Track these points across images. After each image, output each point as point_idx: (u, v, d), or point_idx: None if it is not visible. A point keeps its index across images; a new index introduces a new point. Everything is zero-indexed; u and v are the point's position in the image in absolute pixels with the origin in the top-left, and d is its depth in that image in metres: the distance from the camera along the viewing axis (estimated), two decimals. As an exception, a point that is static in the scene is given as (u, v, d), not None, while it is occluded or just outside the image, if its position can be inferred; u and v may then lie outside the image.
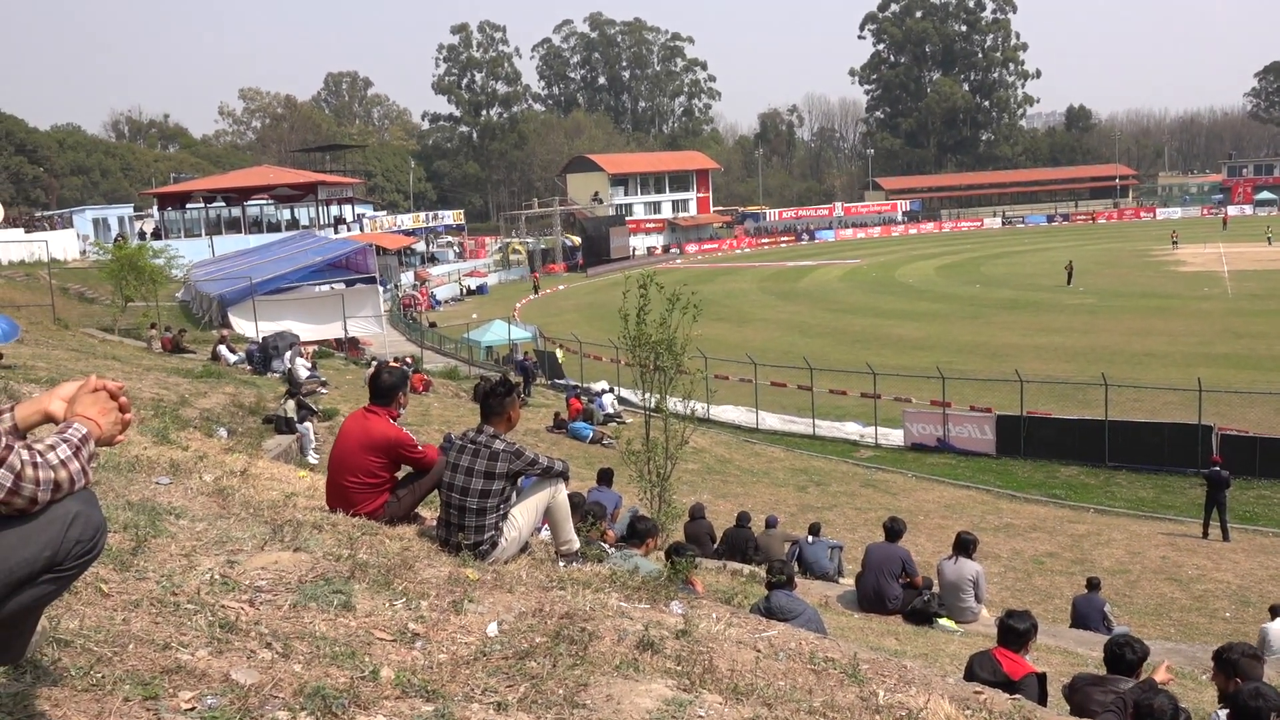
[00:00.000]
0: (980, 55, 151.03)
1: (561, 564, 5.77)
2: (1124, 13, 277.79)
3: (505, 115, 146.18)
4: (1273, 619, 12.04)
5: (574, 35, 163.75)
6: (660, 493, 13.28)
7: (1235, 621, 14.74)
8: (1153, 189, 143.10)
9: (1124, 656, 5.60)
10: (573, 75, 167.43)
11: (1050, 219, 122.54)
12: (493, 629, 4.18)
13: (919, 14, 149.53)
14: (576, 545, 6.03)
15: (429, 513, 6.56)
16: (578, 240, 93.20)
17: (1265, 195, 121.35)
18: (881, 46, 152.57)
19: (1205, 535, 20.10)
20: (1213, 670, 6.06)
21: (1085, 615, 12.48)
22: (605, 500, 11.27)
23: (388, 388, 6.23)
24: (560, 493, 5.89)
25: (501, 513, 5.63)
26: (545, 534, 6.50)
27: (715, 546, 14.37)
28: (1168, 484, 23.97)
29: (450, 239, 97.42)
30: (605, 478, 13.07)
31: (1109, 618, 12.55)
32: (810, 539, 14.10)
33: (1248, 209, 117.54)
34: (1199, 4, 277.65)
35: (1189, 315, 46.09)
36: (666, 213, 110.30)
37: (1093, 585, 13.10)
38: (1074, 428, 26.89)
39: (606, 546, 8.01)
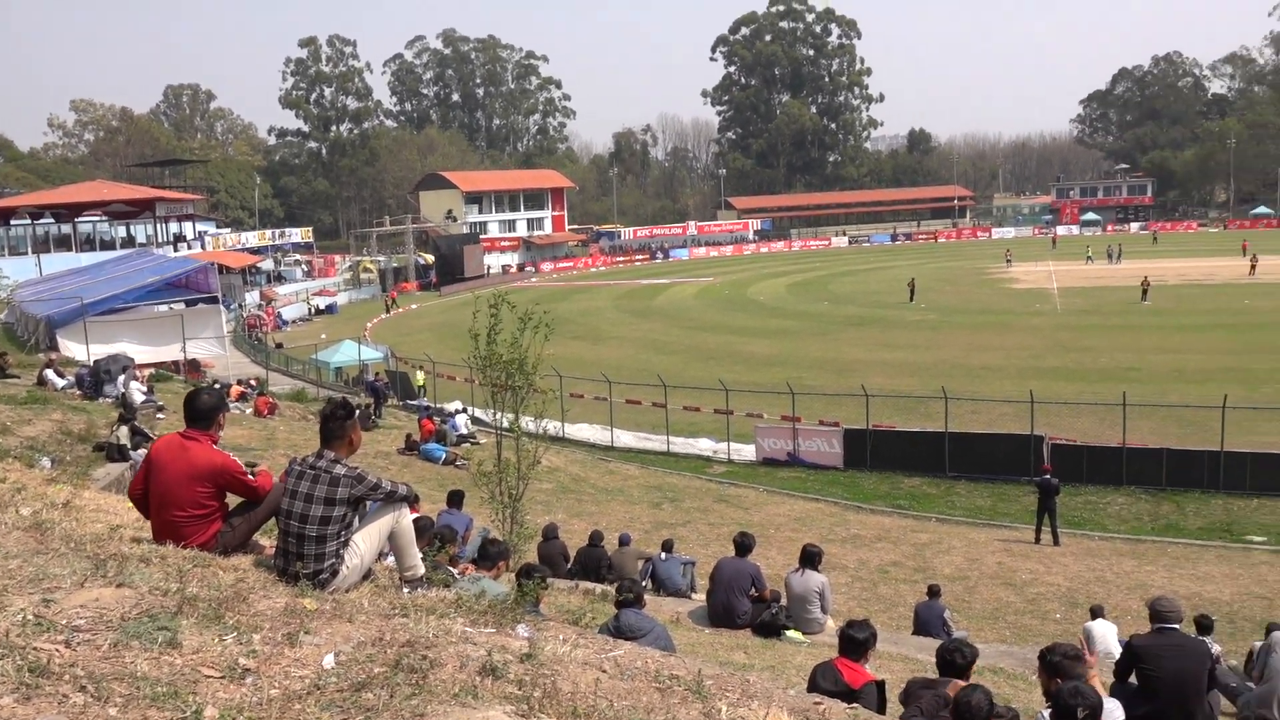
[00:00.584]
0: (827, 79, 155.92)
1: (406, 590, 5.67)
2: (961, 42, 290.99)
3: (356, 131, 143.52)
4: (1093, 619, 12.72)
5: (427, 51, 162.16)
6: (512, 514, 13.20)
7: (1065, 622, 15.49)
8: (988, 209, 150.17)
9: (954, 661, 5.84)
10: (426, 92, 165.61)
11: (894, 238, 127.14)
12: (329, 661, 4.08)
13: (768, 38, 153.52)
14: (421, 571, 5.93)
15: (268, 541, 6.36)
16: (431, 259, 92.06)
17: (1090, 216, 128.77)
18: (733, 69, 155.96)
19: (1037, 541, 21.10)
20: (1039, 670, 6.35)
21: (926, 622, 12.93)
22: (456, 523, 11.13)
23: (207, 410, 5.85)
24: (404, 517, 5.79)
25: (343, 540, 5.50)
26: (391, 560, 6.38)
27: (569, 566, 14.36)
28: (1003, 492, 25.07)
29: (298, 257, 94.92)
30: (456, 500, 12.91)
31: (949, 623, 13.04)
32: (663, 556, 14.22)
33: (1075, 229, 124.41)
34: (1030, 35, 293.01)
35: (1022, 330, 48.41)
36: (522, 231, 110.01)
37: (933, 592, 13.59)
38: (917, 440, 27.88)
39: (454, 571, 7.92)
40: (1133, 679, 7.31)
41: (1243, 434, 26.23)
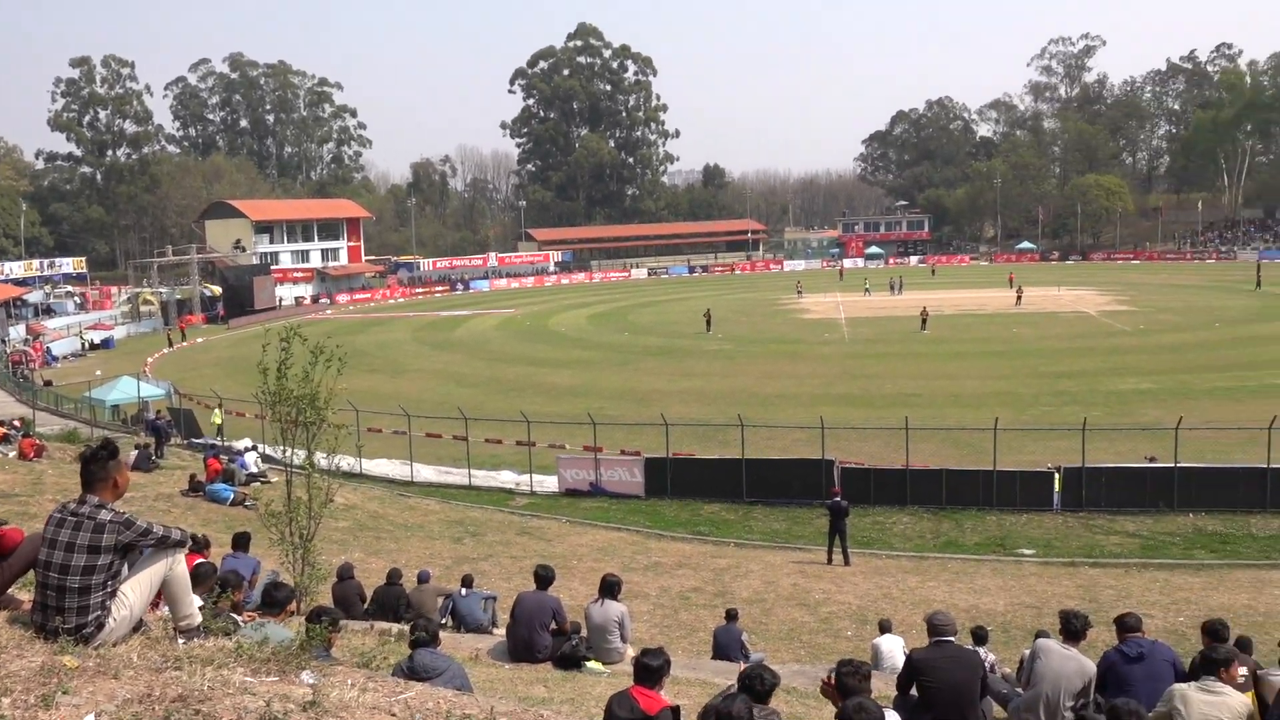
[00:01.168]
0: (625, 114, 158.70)
1: (181, 641, 5.35)
2: (752, 82, 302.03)
3: (135, 156, 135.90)
4: (881, 634, 13.27)
5: (212, 75, 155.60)
6: (304, 555, 12.69)
7: (856, 639, 16.09)
8: (780, 243, 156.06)
9: (754, 688, 5.96)
10: (211, 117, 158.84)
11: (691, 270, 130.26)
12: (89, 722, 3.80)
13: (566, 72, 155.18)
14: (198, 620, 5.61)
15: (26, 595, 5.88)
16: (218, 290, 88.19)
17: (874, 250, 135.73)
18: (531, 101, 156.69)
19: (829, 561, 21.89)
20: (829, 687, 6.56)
21: (725, 645, 13.17)
22: (241, 567, 10.63)
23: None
24: (178, 564, 5.47)
25: (109, 590, 5.14)
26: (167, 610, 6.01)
27: (365, 607, 13.92)
28: (797, 515, 25.92)
29: (70, 289, 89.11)
30: (241, 542, 12.34)
31: (746, 646, 13.33)
32: (463, 591, 13.98)
33: (860, 262, 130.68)
34: (816, 79, 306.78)
35: (813, 359, 50.36)
36: (316, 262, 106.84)
37: (731, 616, 13.87)
38: (715, 467, 28.50)
39: (238, 618, 7.54)
40: (914, 691, 7.65)
41: (1012, 453, 28.08)
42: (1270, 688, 7.26)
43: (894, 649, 12.60)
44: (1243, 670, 8.45)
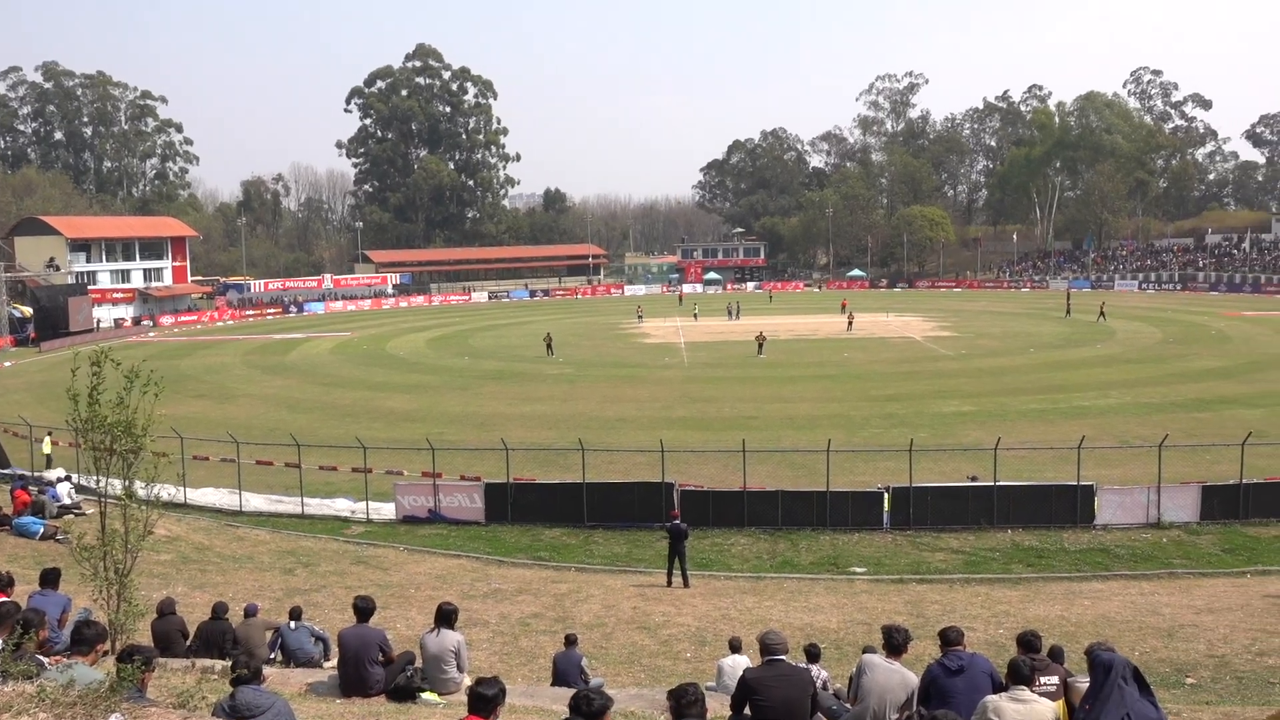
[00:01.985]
0: (465, 136, 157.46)
1: (-25, 688, 4.97)
2: (593, 108, 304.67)
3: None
4: (731, 653, 13.39)
5: (24, 84, 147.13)
6: (120, 590, 11.99)
7: (695, 661, 16.22)
8: (620, 268, 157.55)
9: (583, 709, 5.94)
10: (22, 128, 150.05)
11: (532, 294, 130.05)
12: None
13: (404, 93, 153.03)
14: (-6, 663, 5.23)
15: None
16: (29, 311, 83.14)
17: (712, 275, 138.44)
18: (369, 121, 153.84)
19: (669, 584, 22.05)
20: (668, 711, 6.59)
21: (565, 671, 13.08)
22: (49, 605, 10.00)
23: None
24: (-27, 604, 5.08)
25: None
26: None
27: (188, 644, 13.26)
28: (638, 539, 26.04)
29: None
30: (51, 579, 11.60)
31: (586, 671, 13.26)
32: (292, 625, 13.48)
33: (699, 287, 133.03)
34: (656, 107, 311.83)
35: (653, 383, 50.87)
36: (138, 282, 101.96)
37: (570, 642, 13.78)
38: (556, 491, 28.39)
39: (44, 660, 7.07)
40: (747, 710, 7.76)
41: (845, 474, 28.97)
42: (1079, 694, 7.66)
43: (738, 668, 12.74)
44: (1054, 678, 8.90)
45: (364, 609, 11.08)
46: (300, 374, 58.23)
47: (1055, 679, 8.88)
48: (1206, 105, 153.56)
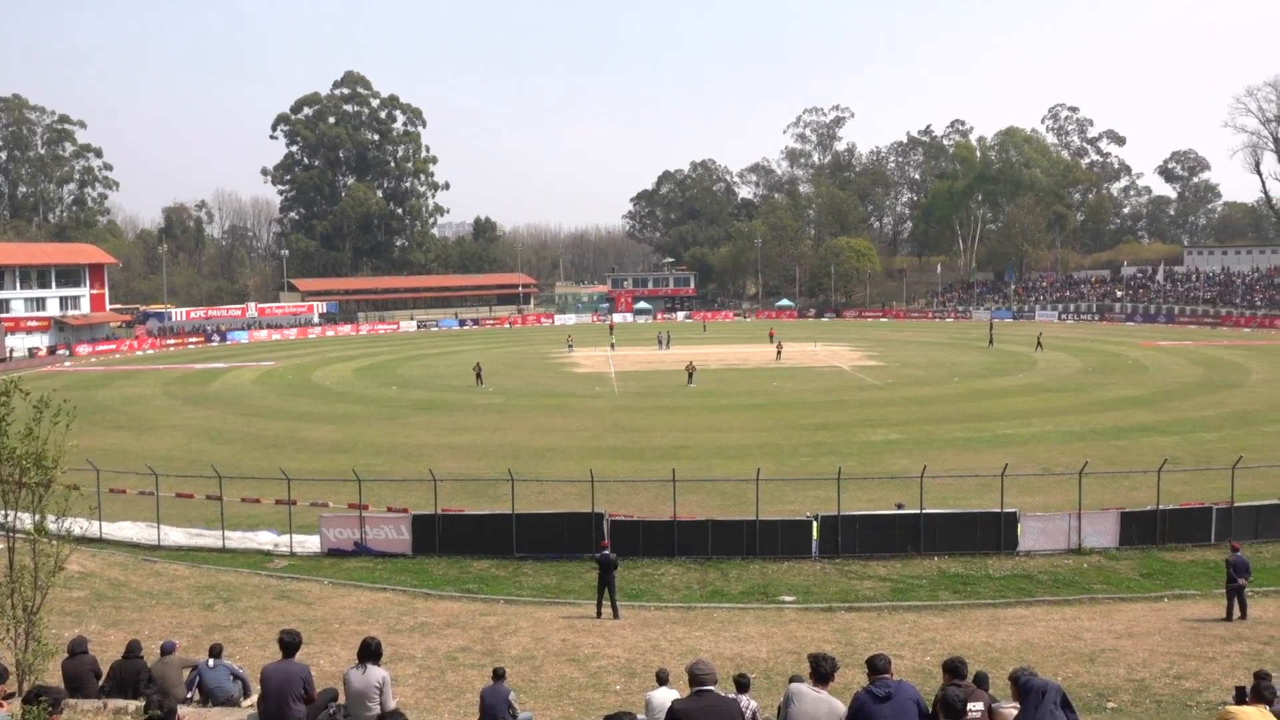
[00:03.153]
0: (393, 164, 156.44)
1: None
2: (523, 137, 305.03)
3: None
4: (659, 685, 13.30)
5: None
6: (28, 629, 11.58)
7: (624, 693, 16.11)
8: (551, 297, 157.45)
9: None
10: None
11: (461, 323, 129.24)
12: None
13: (332, 120, 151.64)
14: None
15: None
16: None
17: (643, 305, 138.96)
18: (295, 148, 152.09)
19: (599, 615, 21.92)
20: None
21: (492, 706, 12.88)
22: (-48, 646, 9.58)
23: None
24: None
25: None
26: None
27: (101, 683, 12.83)
28: (568, 570, 25.88)
29: None
30: (-46, 619, 11.14)
31: (514, 706, 13.08)
32: (211, 662, 13.11)
33: (629, 316, 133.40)
34: (587, 136, 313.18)
35: (583, 412, 50.78)
36: (53, 310, 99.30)
37: (498, 675, 13.59)
38: (485, 522, 28.13)
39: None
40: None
41: (775, 503, 29.13)
42: (1004, 720, 7.74)
43: (666, 701, 12.65)
44: (979, 705, 8.99)
45: (290, 643, 10.80)
46: (223, 404, 57.12)
47: (981, 705, 8.97)
48: (1121, 141, 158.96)
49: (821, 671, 8.44)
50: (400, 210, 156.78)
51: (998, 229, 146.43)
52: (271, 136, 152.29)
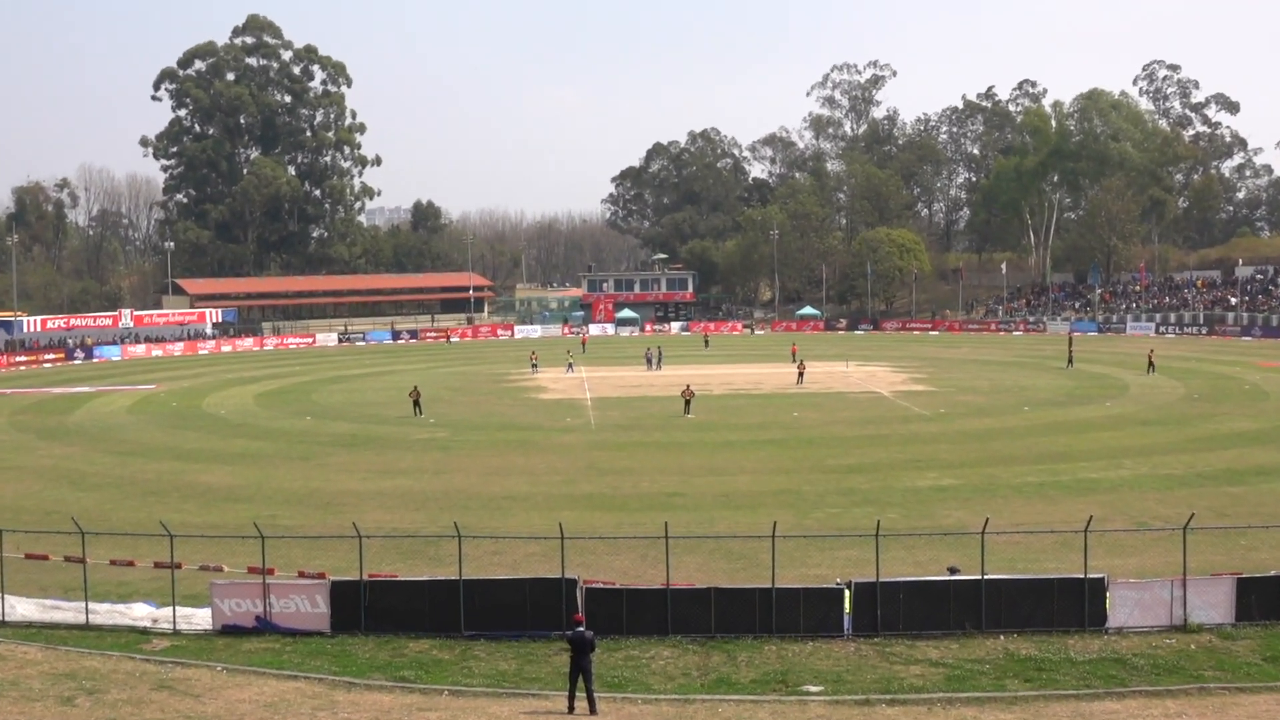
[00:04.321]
0: (309, 134, 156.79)
1: None
2: (474, 102, 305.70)
3: None
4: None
5: None
6: None
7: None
8: (510, 303, 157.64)
9: None
10: None
11: (396, 336, 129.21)
12: None
13: (231, 76, 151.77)
14: None
15: None
16: None
17: (626, 314, 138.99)
18: (184, 112, 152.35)
19: (571, 709, 21.78)
20: None
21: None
22: None
23: None
24: None
25: None
26: None
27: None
28: (531, 651, 25.75)
29: None
30: None
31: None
32: (72, 772, 13.01)
33: (610, 328, 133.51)
34: (556, 99, 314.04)
35: (551, 450, 50.72)
36: None
37: (443, 788, 13.52)
38: (424, 591, 27.95)
39: None
40: None
41: (795, 566, 29.08)
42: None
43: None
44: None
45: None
46: (88, 439, 56.96)
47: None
48: (1234, 108, 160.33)
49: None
50: (318, 192, 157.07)
51: (1078, 218, 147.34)
52: (153, 98, 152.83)
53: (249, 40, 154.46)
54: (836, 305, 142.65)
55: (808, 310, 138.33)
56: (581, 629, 22.36)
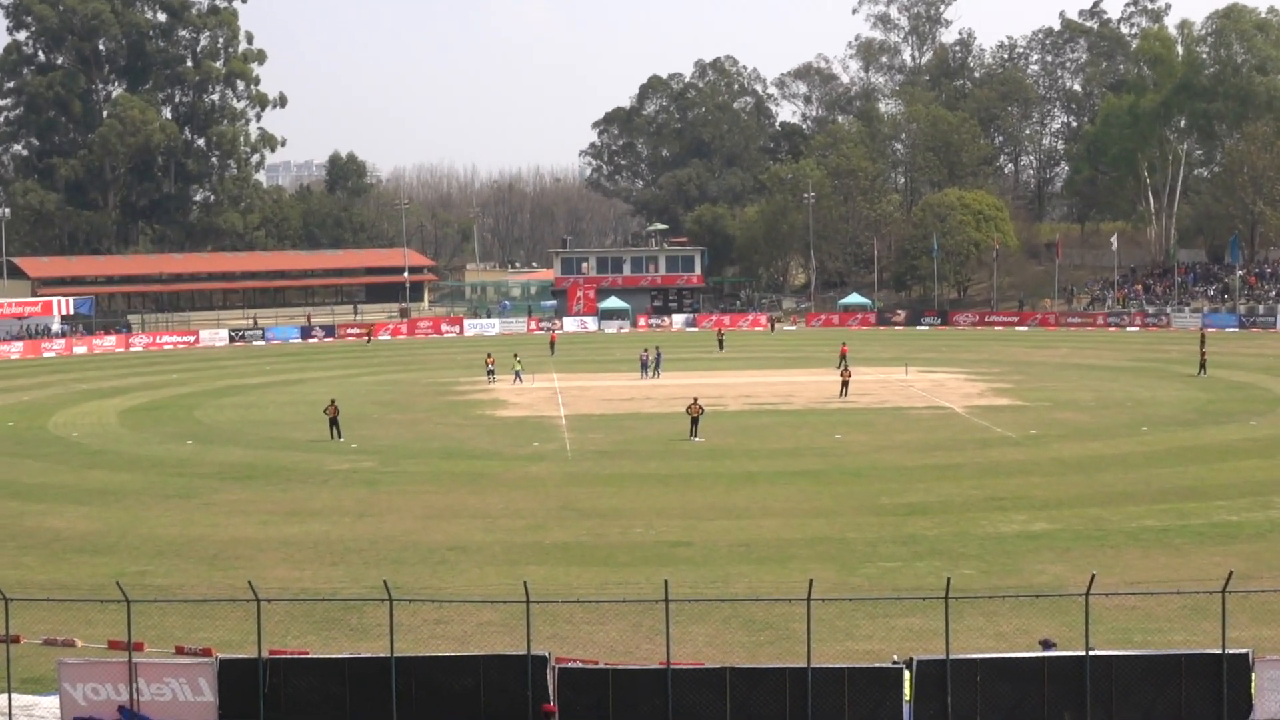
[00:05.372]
0: (190, 64, 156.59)
1: None
2: (410, 23, 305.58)
3: None
4: None
5: None
6: None
7: None
8: (459, 289, 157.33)
9: None
10: None
11: (307, 332, 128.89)
12: None
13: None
14: None
15: None
16: None
17: (613, 303, 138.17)
18: (23, 35, 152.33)
19: (541, 831, 21.82)
20: None
21: None
22: None
23: None
24: None
25: None
26: None
27: None
28: (486, 754, 25.77)
29: None
30: None
31: None
32: None
33: (590, 322, 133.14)
34: (520, 20, 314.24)
35: (513, 485, 50.59)
36: None
37: None
38: (344, 672, 27.92)
39: None
40: None
41: (837, 639, 29.04)
42: None
43: None
44: None
45: None
46: (-105, 471, 56.90)
47: None
48: None
49: None
50: (202, 142, 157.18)
51: (1212, 176, 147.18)
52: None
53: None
54: (892, 292, 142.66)
55: (854, 299, 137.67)
56: (553, 722, 22.38)
